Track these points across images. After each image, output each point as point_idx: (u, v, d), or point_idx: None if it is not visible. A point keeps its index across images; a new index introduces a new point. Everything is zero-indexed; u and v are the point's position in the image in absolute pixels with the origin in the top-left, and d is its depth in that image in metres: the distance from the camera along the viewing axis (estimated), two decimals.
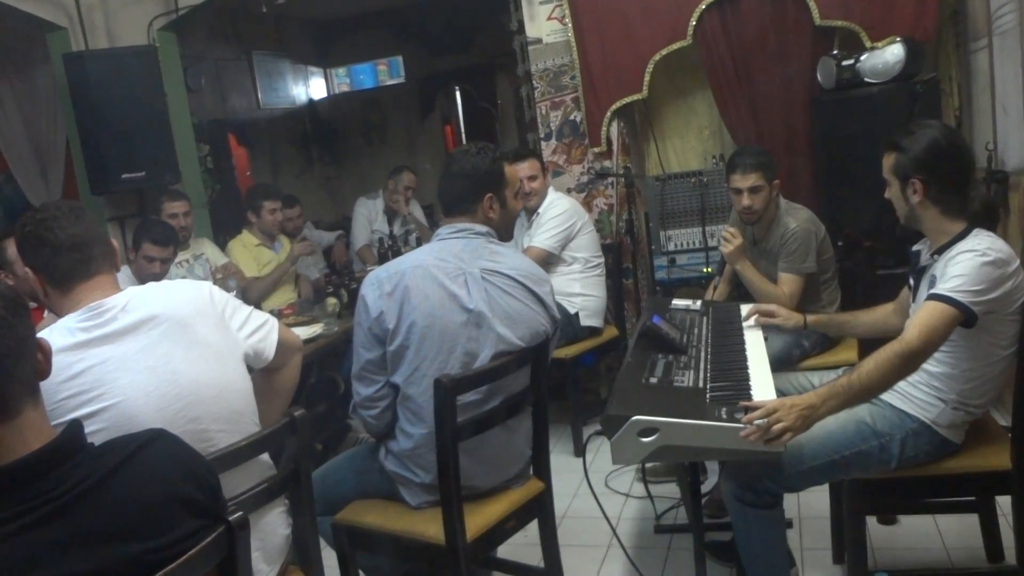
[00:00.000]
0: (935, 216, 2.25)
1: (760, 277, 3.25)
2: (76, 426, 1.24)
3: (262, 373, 2.15)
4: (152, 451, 1.26)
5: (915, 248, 2.41)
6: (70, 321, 1.74)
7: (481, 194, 2.38)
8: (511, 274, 2.33)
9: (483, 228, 2.40)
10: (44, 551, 1.10)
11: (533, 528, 2.52)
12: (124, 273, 3.92)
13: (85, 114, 4.41)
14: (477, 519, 2.28)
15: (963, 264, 2.10)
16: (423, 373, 2.23)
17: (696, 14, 4.21)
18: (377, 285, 2.28)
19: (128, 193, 4.76)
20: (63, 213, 1.80)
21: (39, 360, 1.26)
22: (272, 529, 1.99)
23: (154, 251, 3.81)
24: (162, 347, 1.79)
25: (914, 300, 2.35)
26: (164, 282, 1.99)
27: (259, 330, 2.05)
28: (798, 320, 2.81)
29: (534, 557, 2.69)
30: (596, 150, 4.54)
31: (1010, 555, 2.59)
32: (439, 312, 2.22)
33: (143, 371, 1.75)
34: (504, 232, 2.49)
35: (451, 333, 2.23)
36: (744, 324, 2.80)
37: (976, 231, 2.20)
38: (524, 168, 4.09)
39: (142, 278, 3.79)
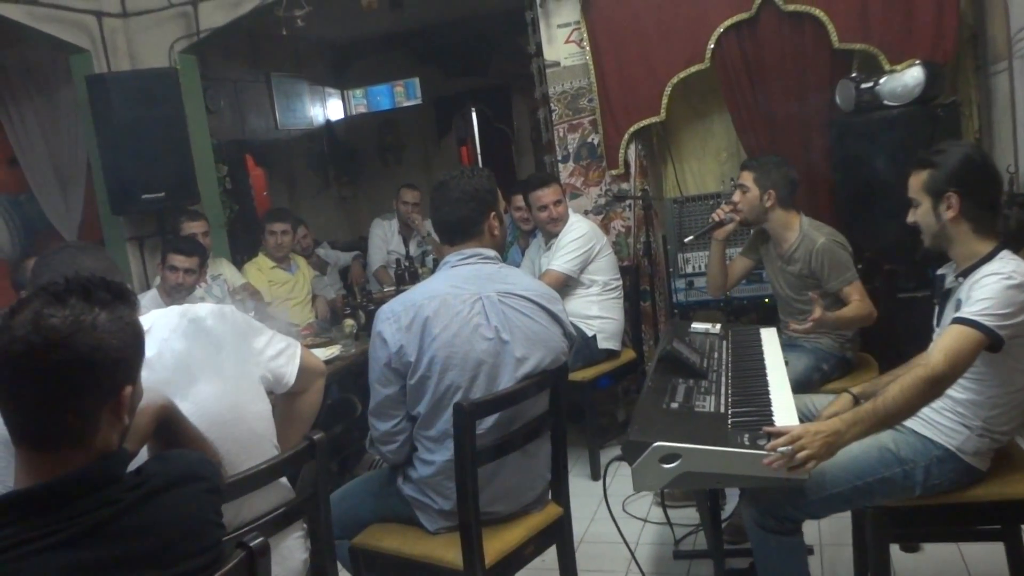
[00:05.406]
0: (966, 234, 2.22)
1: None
2: (111, 458, 1.25)
3: (284, 396, 2.14)
4: (182, 491, 1.28)
5: (940, 272, 2.39)
6: None
7: (487, 213, 2.38)
8: (526, 295, 2.33)
9: (491, 252, 2.40)
10: (64, 572, 1.11)
11: (551, 552, 2.49)
12: (150, 296, 3.94)
13: (106, 135, 4.46)
14: (496, 544, 2.26)
15: (989, 287, 2.08)
16: (445, 403, 2.21)
17: (714, 37, 4.22)
18: (394, 319, 2.25)
19: (148, 213, 4.81)
20: (82, 248, 1.97)
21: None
22: (290, 553, 1.98)
23: (177, 260, 3.83)
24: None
25: (938, 324, 2.32)
26: (185, 305, 2.01)
27: (281, 354, 2.05)
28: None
29: None
30: (614, 172, 4.54)
31: None
32: (459, 341, 2.21)
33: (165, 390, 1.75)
34: (499, 251, 2.50)
35: (473, 361, 2.21)
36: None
37: (1003, 253, 2.18)
38: (548, 194, 4.10)
39: (169, 291, 3.81)
